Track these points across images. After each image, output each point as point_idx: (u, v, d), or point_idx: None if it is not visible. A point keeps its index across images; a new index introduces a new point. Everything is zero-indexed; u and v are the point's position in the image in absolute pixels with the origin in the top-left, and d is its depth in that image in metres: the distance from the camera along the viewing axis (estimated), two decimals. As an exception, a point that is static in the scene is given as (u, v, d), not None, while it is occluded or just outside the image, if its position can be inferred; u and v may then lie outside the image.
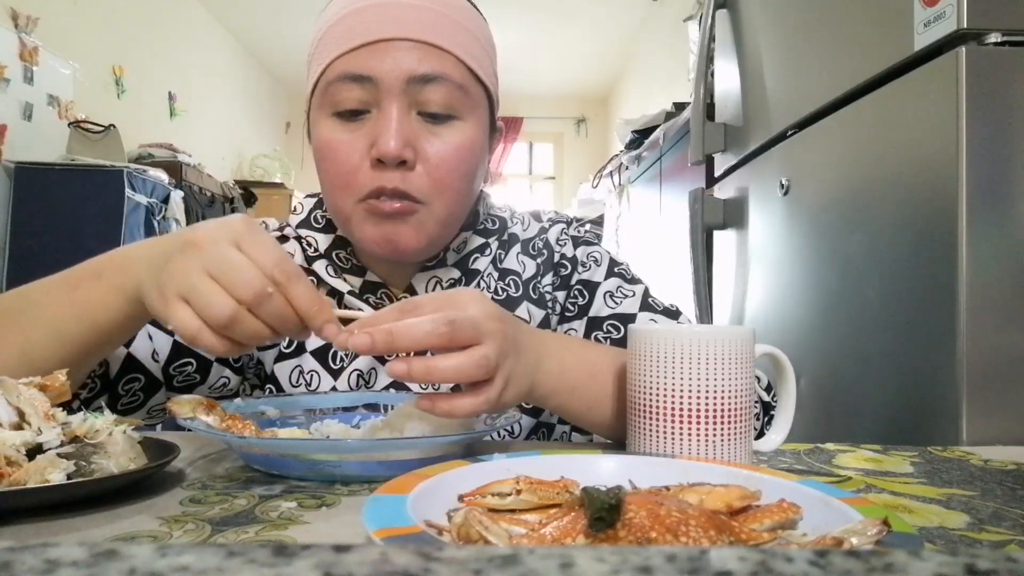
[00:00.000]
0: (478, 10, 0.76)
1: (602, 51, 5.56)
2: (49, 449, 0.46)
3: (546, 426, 0.79)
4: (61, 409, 0.51)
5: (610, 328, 0.78)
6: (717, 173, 1.63)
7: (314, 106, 0.72)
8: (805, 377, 1.12)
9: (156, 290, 0.52)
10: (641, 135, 2.72)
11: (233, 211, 4.10)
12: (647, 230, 2.65)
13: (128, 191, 3.03)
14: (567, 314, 0.81)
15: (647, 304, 0.79)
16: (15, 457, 0.44)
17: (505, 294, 0.79)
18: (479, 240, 0.80)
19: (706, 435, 0.52)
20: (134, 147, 3.66)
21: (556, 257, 0.82)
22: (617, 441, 0.64)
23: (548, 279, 0.81)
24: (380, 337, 0.48)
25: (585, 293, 0.80)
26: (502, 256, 0.81)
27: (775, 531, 0.37)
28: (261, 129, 5.97)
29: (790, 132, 1.26)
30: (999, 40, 0.80)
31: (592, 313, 0.79)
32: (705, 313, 1.60)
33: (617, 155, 3.20)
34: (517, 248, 0.82)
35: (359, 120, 0.69)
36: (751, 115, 1.44)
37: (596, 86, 6.41)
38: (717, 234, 1.60)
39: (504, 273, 0.80)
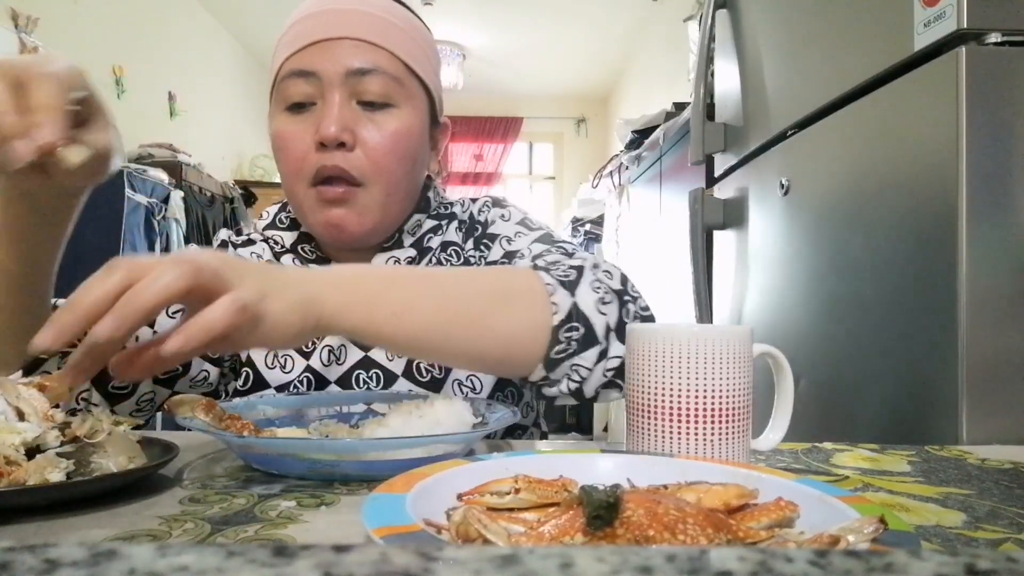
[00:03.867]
0: (420, 20, 0.84)
1: (602, 51, 5.56)
2: (48, 449, 0.46)
3: (512, 387, 0.81)
4: (60, 409, 0.51)
5: (501, 264, 0.80)
6: (717, 173, 1.63)
7: (271, 104, 0.80)
8: (804, 377, 1.12)
9: None
10: (641, 135, 2.72)
11: (233, 211, 4.11)
12: (647, 230, 2.65)
13: (128, 191, 3.03)
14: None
15: (540, 240, 0.80)
16: (14, 457, 0.44)
17: (448, 263, 0.84)
18: (432, 223, 0.86)
19: (704, 434, 0.52)
20: (134, 147, 3.65)
21: (475, 225, 0.88)
22: (463, 360, 0.63)
23: (469, 244, 0.86)
24: (63, 315, 0.43)
25: (489, 244, 0.84)
26: (445, 234, 0.87)
27: (773, 529, 0.37)
28: (261, 129, 5.96)
29: (790, 132, 1.26)
30: (999, 40, 0.80)
31: (490, 259, 0.82)
32: (705, 313, 1.60)
33: (617, 155, 3.20)
34: (454, 224, 0.88)
35: (306, 112, 0.76)
36: (751, 115, 1.44)
37: (596, 86, 6.40)
38: (717, 234, 1.60)
39: (446, 245, 0.86)
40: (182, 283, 0.45)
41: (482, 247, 0.85)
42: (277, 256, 0.84)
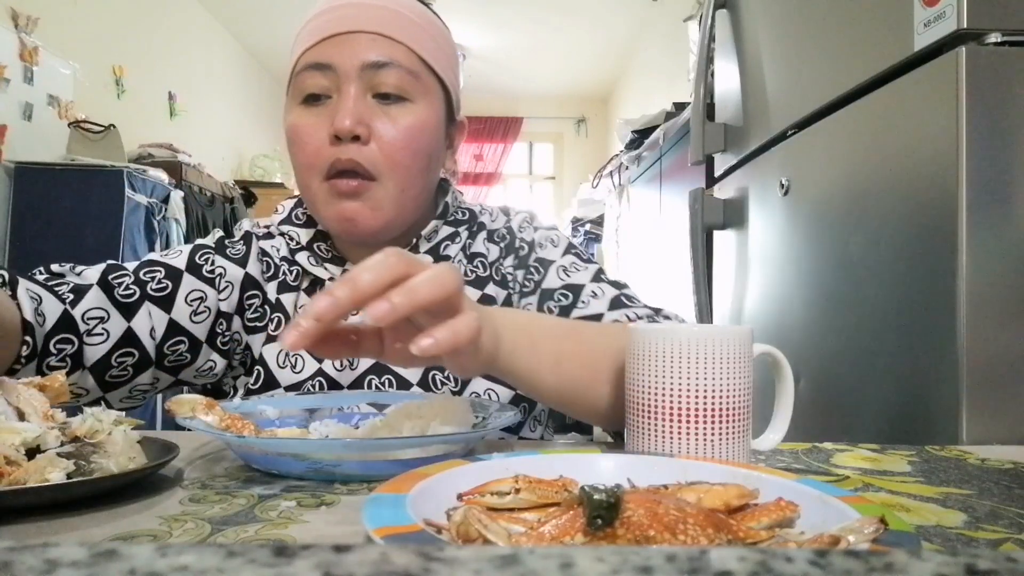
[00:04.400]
0: (439, 17, 0.83)
1: (602, 51, 5.56)
2: (48, 449, 0.46)
3: (526, 400, 0.80)
4: (60, 409, 0.51)
5: (560, 296, 0.80)
6: (717, 173, 1.63)
7: (288, 97, 0.80)
8: (805, 377, 1.12)
9: None
10: (641, 135, 2.72)
11: (233, 211, 4.10)
12: (647, 230, 2.65)
13: (128, 191, 3.03)
14: (524, 290, 0.84)
15: (598, 277, 0.82)
16: (14, 457, 0.44)
17: (474, 275, 0.84)
18: (449, 230, 0.85)
19: (704, 434, 0.52)
20: (134, 147, 3.65)
21: (517, 242, 0.87)
22: (595, 423, 0.64)
23: (509, 261, 0.86)
24: (340, 289, 0.44)
25: (541, 269, 0.83)
26: (471, 244, 0.86)
27: (773, 529, 0.37)
28: (261, 129, 5.97)
29: (790, 132, 1.26)
30: (999, 40, 0.80)
31: (545, 286, 0.82)
32: (705, 313, 1.60)
33: (617, 155, 3.20)
34: (484, 235, 0.87)
35: (322, 105, 0.76)
36: (751, 115, 1.44)
37: (596, 86, 6.41)
38: (717, 234, 1.60)
39: (472, 256, 0.85)
40: (450, 289, 0.47)
41: (532, 270, 0.84)
42: (292, 252, 0.83)
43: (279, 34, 5.35)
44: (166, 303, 0.76)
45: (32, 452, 0.45)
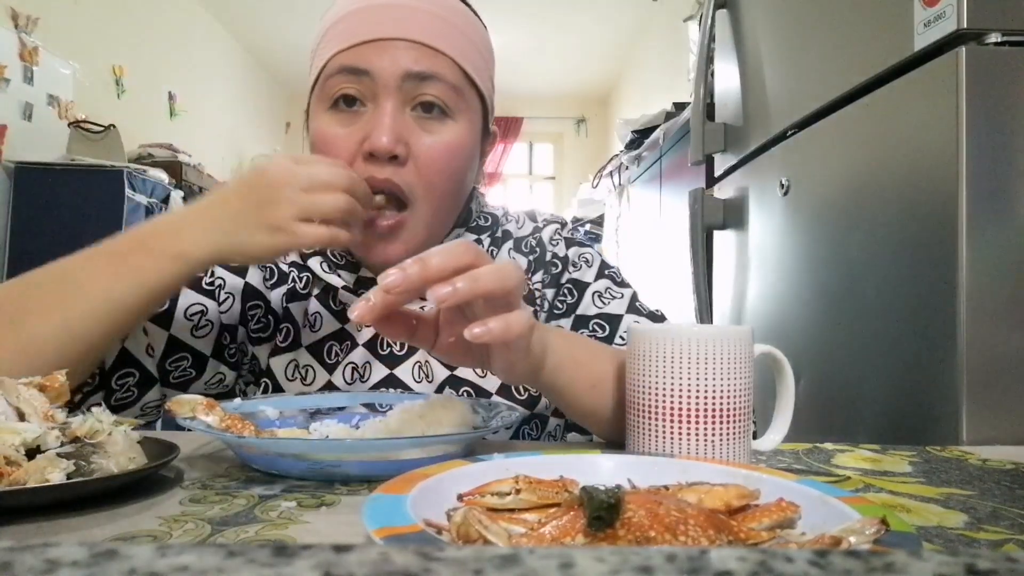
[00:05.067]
0: (478, 17, 0.78)
1: (602, 51, 5.57)
2: (48, 449, 0.46)
3: (539, 418, 0.79)
4: (60, 409, 0.51)
5: (595, 327, 0.79)
6: (717, 173, 1.63)
7: (313, 100, 0.75)
8: (805, 377, 1.12)
9: (259, 233, 0.60)
10: (641, 135, 2.72)
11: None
12: (647, 230, 2.65)
13: (128, 191, 3.03)
14: (555, 311, 0.81)
15: (634, 307, 0.80)
16: (14, 457, 0.44)
17: None
18: (471, 237, 0.82)
19: (705, 434, 0.52)
20: (134, 147, 3.66)
21: (548, 256, 0.83)
22: (616, 440, 0.64)
23: (538, 276, 0.82)
24: (411, 266, 0.47)
25: (574, 292, 0.81)
26: (494, 252, 0.82)
27: (774, 530, 0.37)
28: (261, 129, 5.98)
29: (790, 132, 1.26)
30: (999, 40, 0.80)
31: (579, 311, 0.80)
32: (705, 313, 1.60)
33: (617, 155, 3.20)
34: (509, 244, 0.83)
35: (355, 114, 0.71)
36: (751, 115, 1.44)
37: (596, 86, 6.41)
38: (717, 234, 1.61)
39: None
40: (511, 283, 0.49)
41: (564, 291, 0.81)
42: (304, 257, 0.79)
43: (279, 34, 5.35)
44: (163, 320, 0.73)
45: (32, 452, 0.45)
